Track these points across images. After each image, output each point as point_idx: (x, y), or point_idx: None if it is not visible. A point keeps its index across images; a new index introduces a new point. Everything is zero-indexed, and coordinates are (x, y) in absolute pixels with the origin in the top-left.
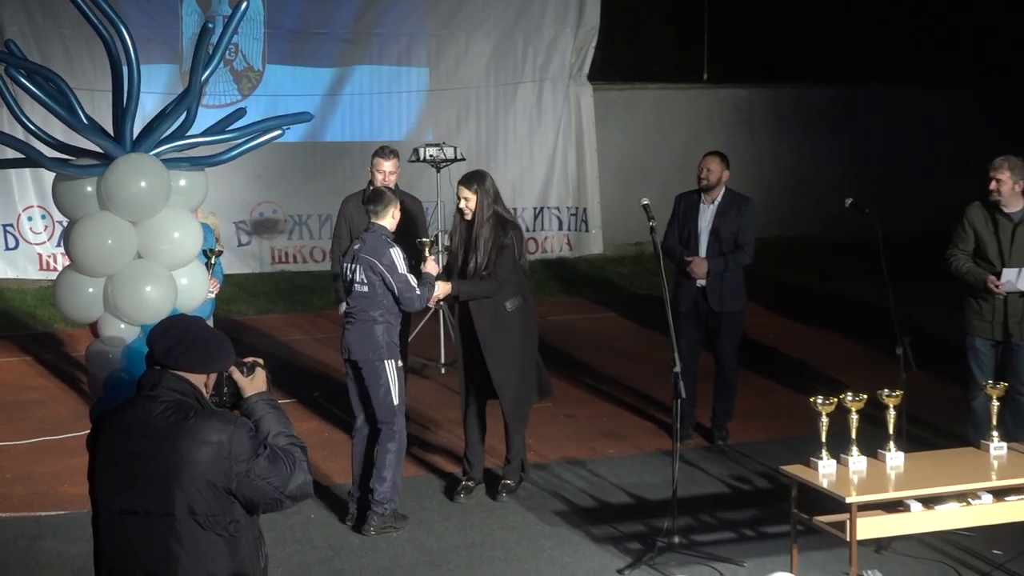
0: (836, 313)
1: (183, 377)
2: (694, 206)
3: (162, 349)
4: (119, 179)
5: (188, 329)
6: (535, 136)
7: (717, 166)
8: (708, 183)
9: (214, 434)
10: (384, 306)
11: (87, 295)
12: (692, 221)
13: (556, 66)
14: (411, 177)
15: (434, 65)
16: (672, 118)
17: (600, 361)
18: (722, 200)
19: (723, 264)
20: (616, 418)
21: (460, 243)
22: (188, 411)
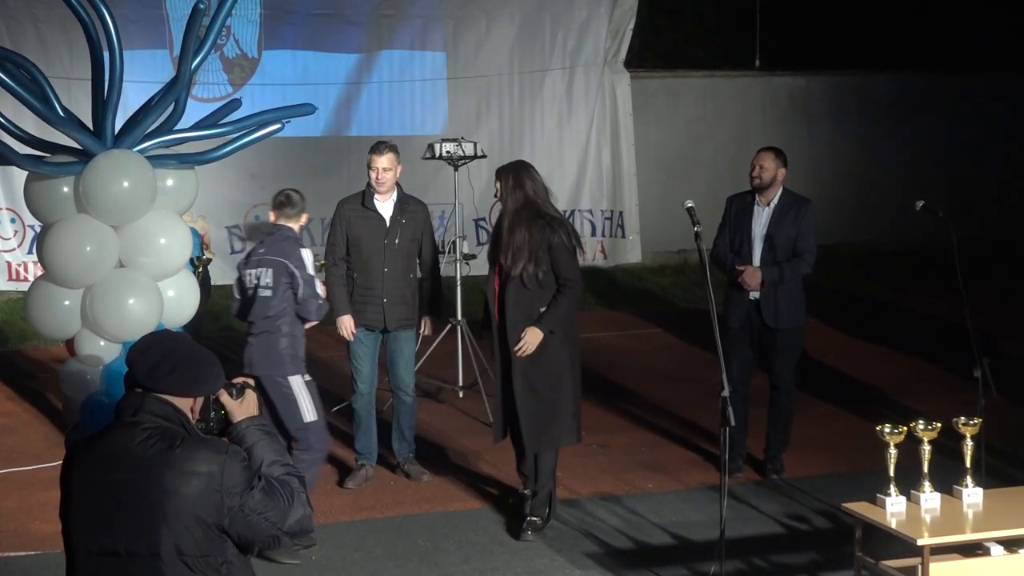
0: (905, 330)
1: (167, 401)
2: (747, 209)
3: (143, 369)
4: (99, 178)
5: (173, 347)
6: (565, 130)
7: (772, 163)
8: (761, 182)
9: (204, 464)
10: (289, 316)
11: (63, 308)
12: (745, 226)
13: (589, 51)
14: (426, 176)
15: (451, 51)
16: (719, 110)
17: (638, 383)
18: (779, 202)
19: (779, 274)
20: (656, 448)
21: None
22: (174, 439)
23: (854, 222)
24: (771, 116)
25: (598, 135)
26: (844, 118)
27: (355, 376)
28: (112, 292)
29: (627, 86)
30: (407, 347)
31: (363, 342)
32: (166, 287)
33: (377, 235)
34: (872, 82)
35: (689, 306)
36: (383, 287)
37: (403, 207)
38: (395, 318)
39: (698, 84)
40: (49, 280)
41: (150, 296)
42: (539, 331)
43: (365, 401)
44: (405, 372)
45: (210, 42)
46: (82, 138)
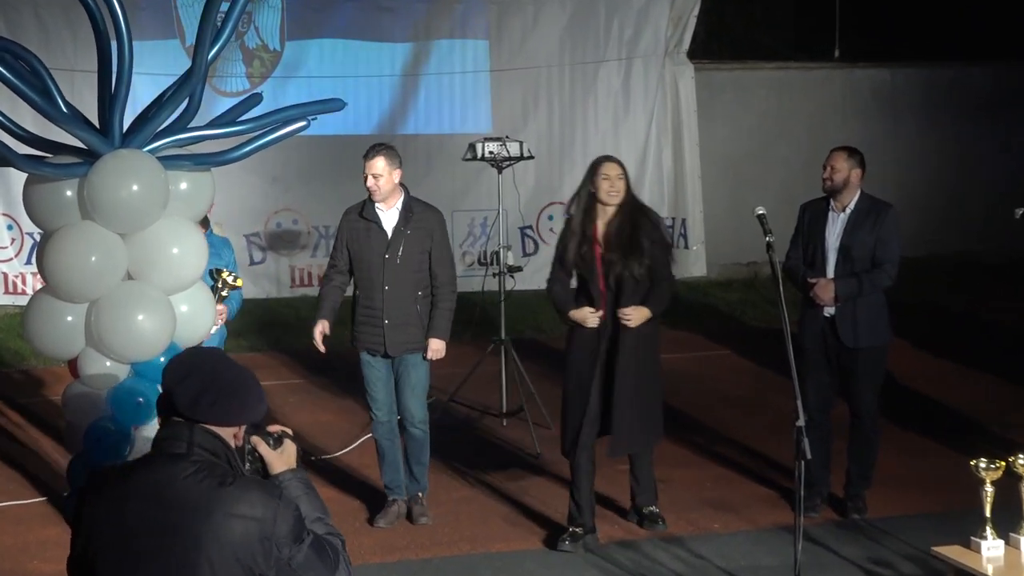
0: (1005, 352)
1: (215, 433)
2: (821, 216)
3: (186, 400)
4: (105, 181)
5: (215, 371)
6: (621, 128)
7: (844, 163)
8: (833, 184)
9: (256, 508)
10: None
11: (65, 325)
12: (818, 234)
13: (648, 40)
14: (467, 179)
15: (495, 40)
16: (794, 105)
17: (703, 411)
18: (855, 207)
19: (855, 286)
20: (724, 484)
21: (587, 242)
22: (224, 477)
23: (946, 231)
24: (851, 113)
25: (658, 134)
26: (934, 115)
27: (370, 403)
28: (119, 307)
29: (691, 79)
30: (414, 373)
31: (373, 366)
32: (179, 302)
33: (376, 248)
34: (965, 75)
35: (760, 325)
36: (383, 307)
37: (408, 216)
38: (398, 342)
39: (770, 77)
40: (50, 294)
41: (161, 312)
42: (646, 310)
43: (385, 430)
44: (412, 401)
45: (228, 30)
46: (87, 136)
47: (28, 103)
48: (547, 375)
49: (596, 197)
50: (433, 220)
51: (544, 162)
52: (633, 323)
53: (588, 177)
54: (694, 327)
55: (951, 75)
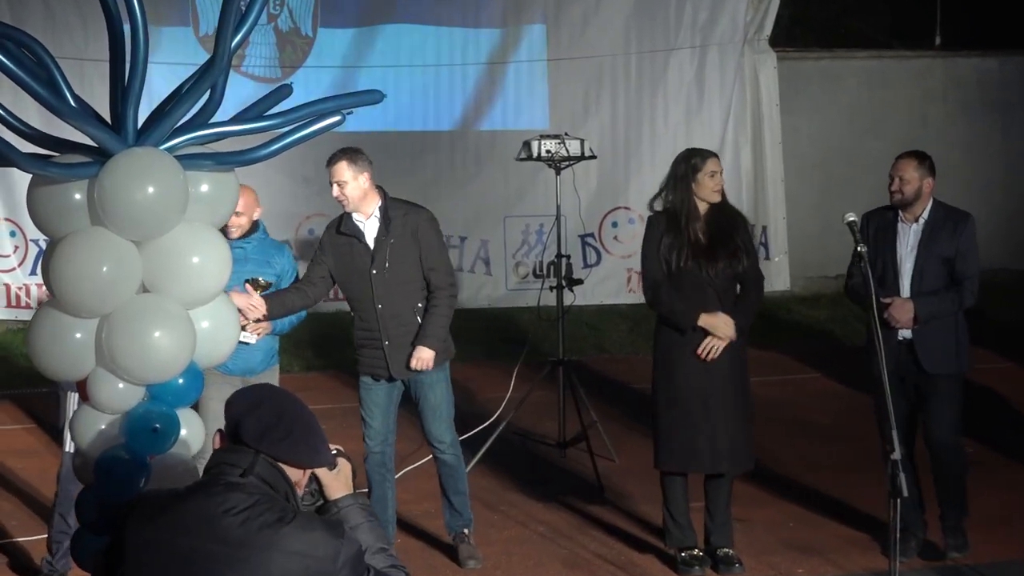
0: None
1: (278, 467)
2: (889, 228)
3: (255, 430)
4: (118, 183)
5: (287, 408)
6: (694, 124)
7: (915, 173)
8: (903, 198)
9: (318, 547)
10: None
11: (73, 343)
12: (888, 249)
13: (725, 26)
14: (521, 181)
15: (552, 26)
16: (890, 98)
17: (784, 442)
18: (929, 217)
19: (937, 306)
20: (808, 524)
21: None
22: (283, 513)
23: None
24: (954, 107)
25: (736, 130)
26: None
27: (364, 430)
28: (133, 323)
29: (773, 69)
30: (431, 394)
31: (372, 390)
32: (199, 317)
33: (360, 264)
34: None
35: (849, 344)
36: (380, 328)
37: (387, 222)
38: (403, 363)
39: (862, 67)
40: (57, 307)
41: (179, 328)
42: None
43: (376, 462)
44: (436, 424)
45: (253, 16)
46: (98, 133)
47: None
48: (611, 400)
49: (695, 194)
50: (416, 221)
51: (607, 162)
52: (724, 336)
53: (687, 171)
54: (774, 347)
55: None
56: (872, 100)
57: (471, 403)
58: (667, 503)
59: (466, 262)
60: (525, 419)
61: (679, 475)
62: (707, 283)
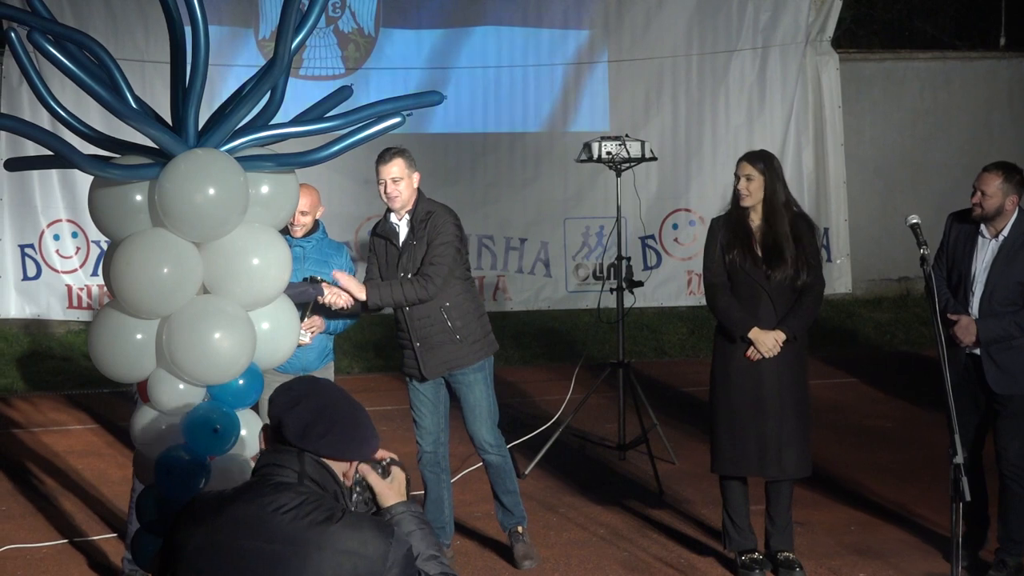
0: None
1: (325, 465)
2: (970, 239)
3: (298, 427)
4: (179, 184)
5: (328, 400)
6: (755, 126)
7: (997, 188)
8: (984, 212)
9: (367, 546)
10: None
11: (134, 343)
12: (965, 260)
13: (787, 27)
14: (580, 183)
15: (614, 28)
16: (954, 100)
17: (846, 447)
18: (1010, 234)
19: (1002, 329)
20: (870, 528)
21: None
22: (332, 512)
23: None
24: (1020, 109)
25: (798, 132)
26: None
27: (415, 431)
28: (194, 324)
29: (835, 70)
30: (470, 394)
31: (419, 389)
32: (259, 319)
33: (391, 265)
34: None
35: (912, 349)
36: (409, 329)
37: (416, 225)
38: (436, 363)
39: (926, 68)
40: (117, 309)
41: (240, 329)
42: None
43: (430, 460)
44: (477, 425)
45: (314, 17)
46: (158, 135)
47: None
48: (670, 403)
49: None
50: (440, 220)
51: (668, 164)
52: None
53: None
54: (837, 350)
55: None
56: (935, 102)
57: (531, 405)
58: (726, 506)
59: (526, 264)
60: (584, 421)
61: (738, 479)
62: (762, 288)
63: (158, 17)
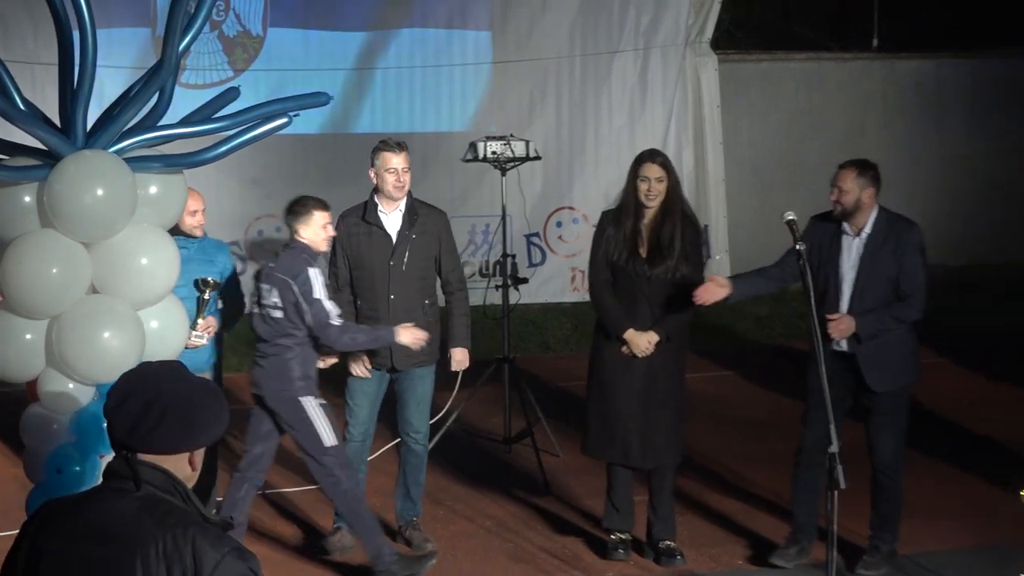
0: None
1: (157, 466)
2: (834, 239)
3: (123, 427)
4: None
5: (157, 390)
6: (637, 126)
7: (854, 183)
8: (844, 209)
9: (194, 555)
10: (300, 336)
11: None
12: (831, 262)
13: (667, 29)
14: (467, 182)
15: (499, 29)
16: (829, 101)
17: (724, 438)
18: (873, 230)
19: (880, 323)
20: (748, 517)
21: (624, 240)
22: (167, 515)
23: (998, 240)
24: (893, 109)
25: (678, 132)
26: (984, 111)
27: (348, 418)
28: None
29: (714, 71)
30: (421, 386)
31: (364, 379)
32: (148, 317)
33: (380, 254)
34: (1018, 66)
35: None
36: (389, 318)
37: (412, 219)
38: (405, 355)
39: (802, 69)
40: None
41: (128, 328)
42: (656, 335)
43: (355, 450)
44: (417, 414)
45: (201, 18)
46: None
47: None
48: (555, 397)
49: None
50: (440, 223)
51: (552, 163)
52: (641, 354)
53: (633, 170)
54: (715, 344)
55: (1002, 66)
56: (811, 103)
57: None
58: (610, 491)
59: None
60: (471, 416)
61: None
62: (639, 285)
63: (48, 19)
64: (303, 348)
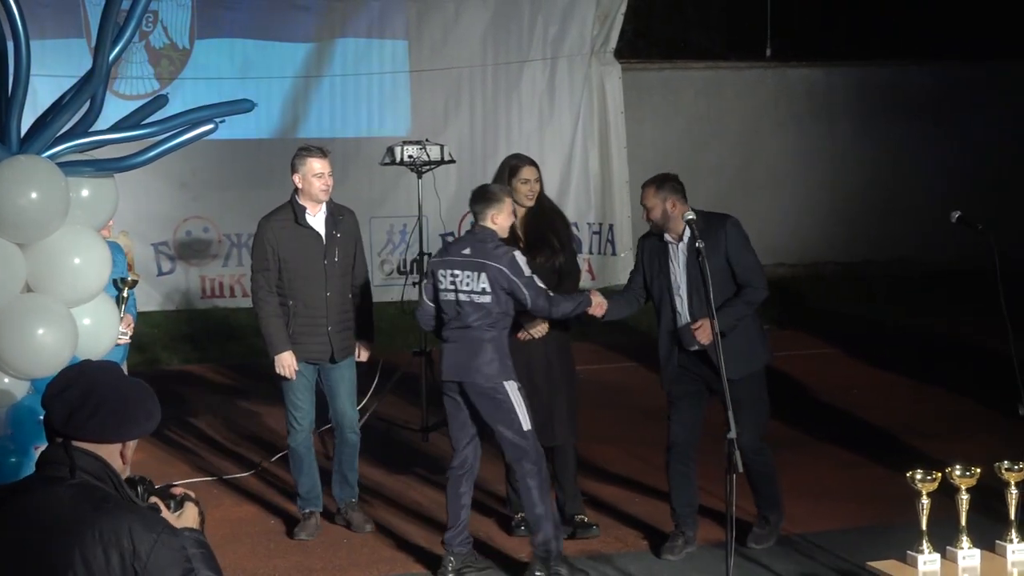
0: (941, 362)
1: (92, 453)
2: (661, 251)
3: (62, 415)
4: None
5: (94, 383)
6: (546, 131)
7: (655, 198)
8: (655, 223)
9: (131, 538)
10: (504, 321)
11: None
12: (663, 271)
13: (574, 39)
14: (384, 185)
15: (414, 39)
16: (725, 107)
17: (628, 424)
18: (690, 234)
19: (736, 313)
20: (652, 499)
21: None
22: (102, 501)
23: (882, 237)
24: (785, 114)
25: (584, 136)
26: (870, 116)
27: (293, 412)
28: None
29: (618, 79)
30: (349, 375)
31: (303, 375)
32: (81, 315)
33: (315, 255)
34: (903, 74)
35: None
36: (327, 314)
37: (336, 220)
38: (341, 347)
39: (701, 77)
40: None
41: (62, 325)
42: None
43: (305, 438)
44: (349, 404)
45: (131, 29)
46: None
47: None
48: None
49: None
50: (354, 222)
51: (466, 166)
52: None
53: (506, 174)
54: (620, 337)
55: (888, 75)
56: (709, 109)
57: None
58: (508, 474)
59: None
60: (389, 407)
61: None
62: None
63: None
64: (501, 333)
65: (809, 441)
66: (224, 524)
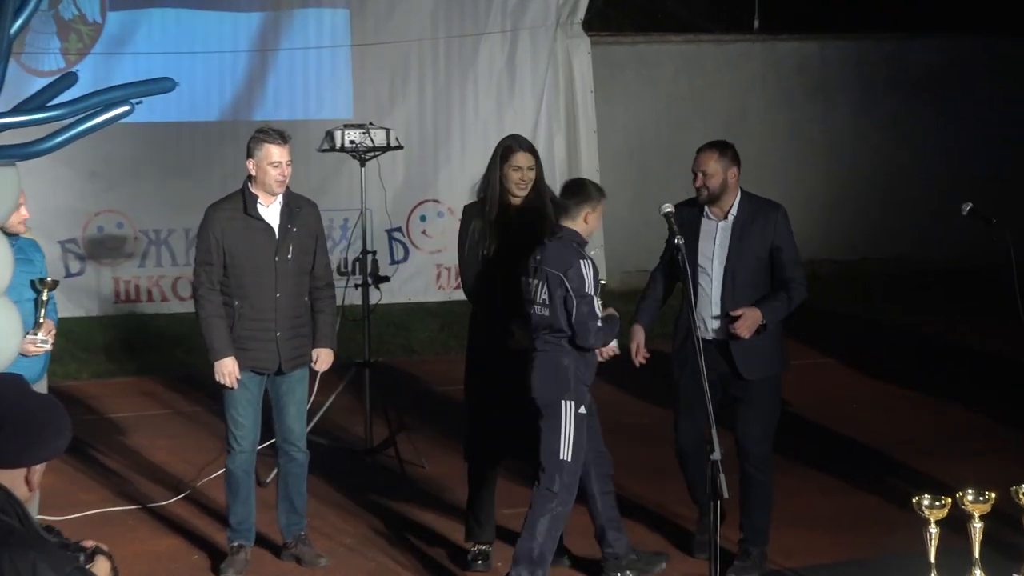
0: (949, 369)
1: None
2: (693, 224)
3: None
4: None
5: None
6: (505, 113)
7: (717, 165)
8: (711, 194)
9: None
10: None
11: None
12: (691, 246)
13: (536, 10)
14: (324, 174)
15: (357, 8)
16: (708, 85)
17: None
18: (739, 213)
19: (783, 310)
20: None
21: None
22: (6, 535)
23: (882, 230)
24: (774, 93)
25: (549, 118)
26: (869, 94)
27: (234, 430)
28: None
29: (587, 54)
30: (300, 388)
31: (247, 387)
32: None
33: (265, 250)
34: (905, 48)
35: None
36: (276, 318)
37: (292, 212)
38: (291, 356)
39: (680, 52)
40: None
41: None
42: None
43: (245, 461)
44: (298, 421)
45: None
46: None
47: None
48: (421, 404)
49: (505, 187)
50: (315, 216)
51: (415, 153)
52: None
53: (499, 156)
54: None
55: (887, 49)
56: (690, 87)
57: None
58: (470, 502)
59: None
60: (330, 425)
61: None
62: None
63: None
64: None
65: (802, 462)
66: (142, 559)
